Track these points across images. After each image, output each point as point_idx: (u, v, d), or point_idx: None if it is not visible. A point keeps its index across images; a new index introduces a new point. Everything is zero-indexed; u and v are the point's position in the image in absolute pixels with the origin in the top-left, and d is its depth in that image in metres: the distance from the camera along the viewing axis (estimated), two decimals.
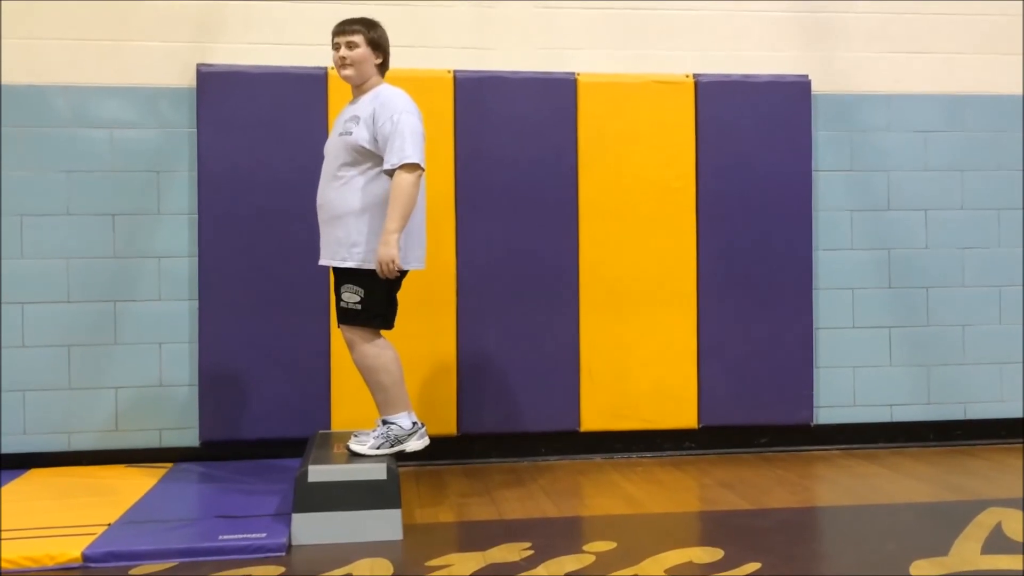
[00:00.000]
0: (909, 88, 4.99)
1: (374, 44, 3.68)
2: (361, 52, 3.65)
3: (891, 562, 3.09)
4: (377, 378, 3.62)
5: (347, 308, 3.60)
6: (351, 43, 3.65)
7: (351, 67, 3.66)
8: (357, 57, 3.65)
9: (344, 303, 3.60)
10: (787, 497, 3.98)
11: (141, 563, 3.11)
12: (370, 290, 3.58)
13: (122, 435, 4.48)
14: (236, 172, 4.45)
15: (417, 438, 3.68)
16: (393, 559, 3.15)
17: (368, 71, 3.69)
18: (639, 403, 4.69)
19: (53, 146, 4.44)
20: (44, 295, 4.42)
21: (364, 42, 3.65)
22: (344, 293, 3.60)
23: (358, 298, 3.58)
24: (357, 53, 3.65)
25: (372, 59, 3.68)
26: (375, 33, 3.69)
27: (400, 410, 3.65)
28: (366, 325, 3.61)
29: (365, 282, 3.58)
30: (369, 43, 3.66)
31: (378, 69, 3.72)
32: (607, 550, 3.23)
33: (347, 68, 3.67)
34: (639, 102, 4.70)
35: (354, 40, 3.65)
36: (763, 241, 4.78)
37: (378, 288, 3.59)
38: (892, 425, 4.96)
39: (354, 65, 3.66)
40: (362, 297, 3.57)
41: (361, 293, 3.57)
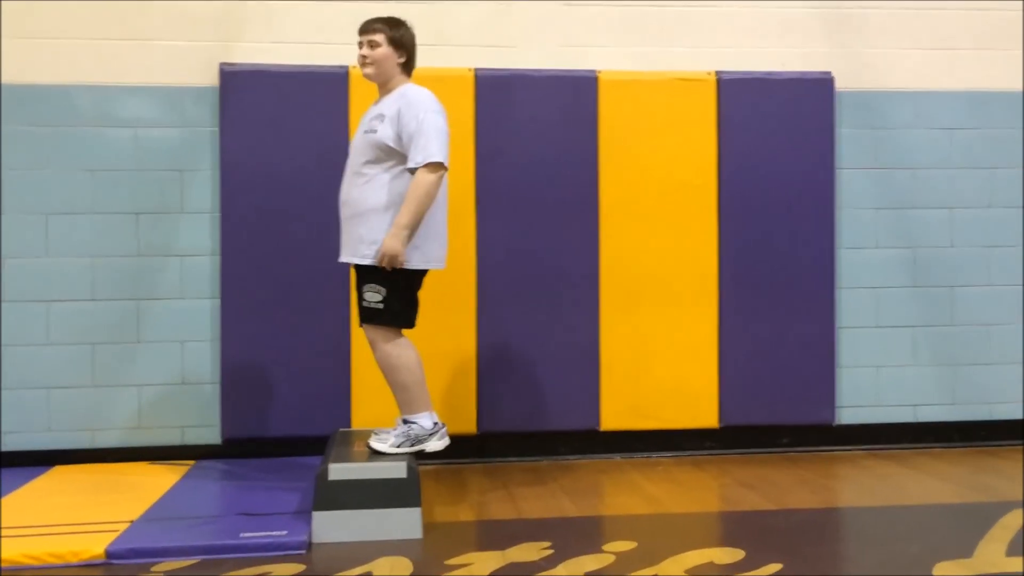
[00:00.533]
0: (934, 85, 4.94)
1: (396, 43, 3.67)
2: (383, 51, 3.65)
3: (914, 564, 3.06)
4: (399, 377, 3.62)
5: (369, 307, 3.61)
6: (372, 42, 3.66)
7: (372, 66, 3.67)
8: (378, 56, 3.66)
9: (366, 302, 3.61)
10: (809, 497, 3.95)
11: (163, 560, 3.13)
12: (392, 289, 3.58)
13: (145, 432, 4.51)
14: (259, 170, 4.48)
15: (438, 438, 3.68)
16: (413, 558, 3.16)
17: (390, 70, 3.69)
18: (659, 402, 4.67)
19: (77, 145, 4.48)
20: (69, 294, 4.46)
21: (386, 41, 3.65)
22: (366, 292, 3.61)
23: (380, 297, 3.58)
24: (378, 52, 3.65)
25: (395, 58, 3.68)
26: (397, 32, 3.68)
27: (421, 410, 3.65)
28: (388, 324, 3.61)
29: (387, 281, 3.58)
30: (391, 42, 3.66)
31: (402, 68, 3.72)
32: (627, 550, 3.22)
33: (368, 67, 3.68)
34: (661, 100, 4.68)
35: (375, 39, 3.65)
36: (785, 239, 4.74)
37: (400, 287, 3.60)
38: (916, 425, 4.92)
39: (375, 64, 3.66)
40: (384, 296, 3.58)
41: (383, 292, 3.58)
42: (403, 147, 3.57)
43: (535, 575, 2.98)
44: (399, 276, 3.57)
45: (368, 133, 3.64)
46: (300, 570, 3.05)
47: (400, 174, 3.59)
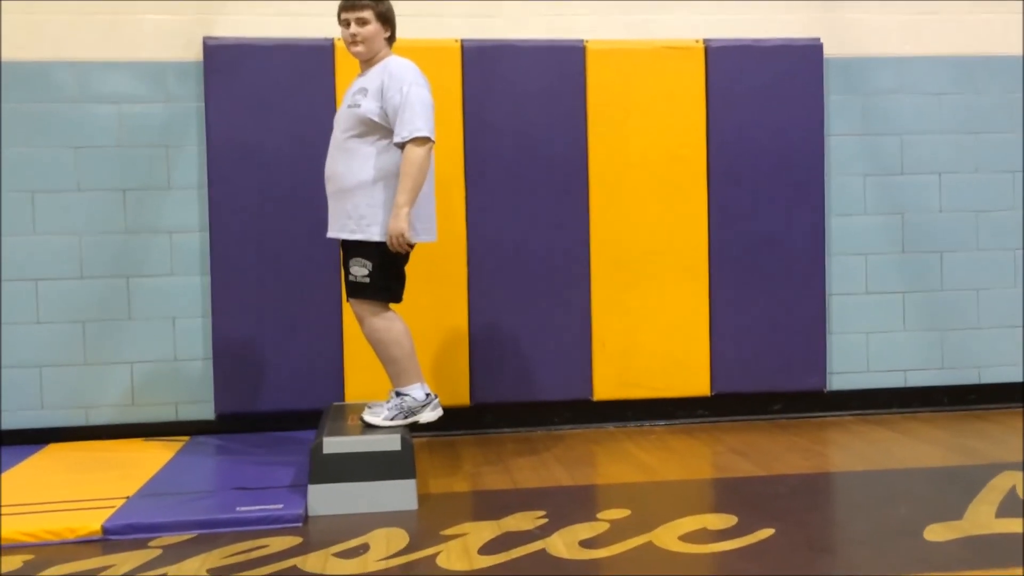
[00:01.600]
0: (921, 50, 4.92)
1: (383, 18, 3.63)
2: (372, 28, 3.60)
3: (905, 526, 3.09)
4: (388, 351, 3.63)
5: (355, 282, 3.60)
6: (361, 19, 3.59)
7: (362, 44, 3.61)
8: (368, 33, 3.60)
9: (352, 276, 3.60)
10: (800, 463, 3.99)
11: (160, 535, 3.15)
12: (378, 263, 3.58)
13: (138, 409, 4.52)
14: (245, 145, 4.45)
15: (431, 409, 3.69)
16: (408, 529, 3.18)
17: (378, 45, 3.65)
18: (651, 371, 4.69)
19: (61, 122, 4.44)
20: (57, 272, 4.44)
21: (374, 17, 3.60)
22: (352, 267, 3.60)
23: (366, 271, 3.57)
24: (368, 29, 3.60)
25: (382, 33, 3.64)
26: (383, 6, 3.64)
27: (413, 381, 3.66)
28: (374, 298, 3.61)
29: (373, 255, 3.57)
30: (379, 17, 3.61)
31: (387, 42, 3.69)
32: (621, 518, 3.25)
33: (359, 45, 3.62)
34: (649, 68, 4.65)
35: (364, 16, 3.59)
36: (775, 207, 4.75)
37: (386, 261, 3.59)
38: (906, 390, 4.96)
39: (365, 42, 3.61)
40: (370, 271, 3.57)
41: (369, 267, 3.57)
42: (387, 121, 3.54)
43: (530, 544, 3.00)
44: (385, 250, 3.56)
45: (352, 108, 3.61)
46: (296, 543, 3.07)
47: (385, 148, 3.57)
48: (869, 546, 2.94)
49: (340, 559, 2.92)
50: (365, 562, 2.89)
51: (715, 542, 2.99)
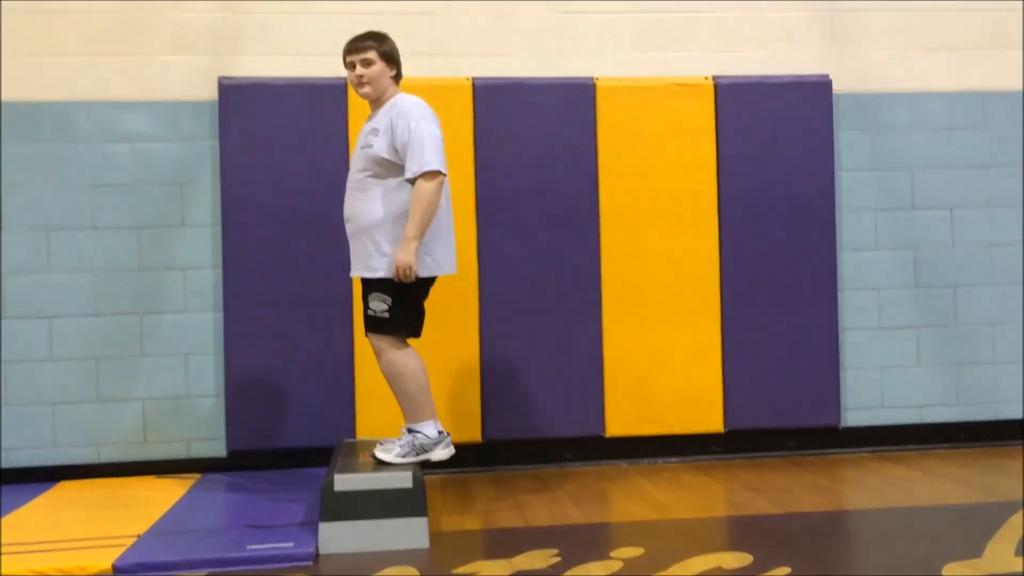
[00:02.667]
0: (931, 86, 4.94)
1: (387, 57, 3.68)
2: (377, 68, 3.66)
3: (923, 565, 3.05)
4: (403, 386, 3.62)
5: (374, 316, 3.61)
6: (366, 60, 3.65)
7: (368, 84, 3.66)
8: (373, 74, 3.65)
9: (372, 311, 3.61)
10: (816, 501, 3.94)
11: (171, 573, 3.13)
12: (397, 299, 3.59)
13: (150, 446, 4.51)
14: (259, 183, 4.48)
15: (443, 447, 3.68)
16: (420, 567, 3.15)
17: (384, 85, 3.69)
18: (664, 407, 4.67)
19: (77, 161, 4.49)
20: (71, 309, 4.47)
21: (378, 57, 3.65)
22: (372, 301, 3.61)
23: (385, 306, 3.58)
24: (373, 70, 3.65)
25: (387, 72, 3.69)
26: (386, 46, 3.69)
27: (426, 418, 3.65)
28: (393, 334, 3.62)
29: (392, 291, 3.58)
30: (383, 57, 3.66)
31: (393, 81, 3.73)
32: (634, 556, 3.22)
33: (365, 86, 3.67)
34: (659, 105, 4.69)
35: (368, 57, 3.65)
36: (787, 242, 4.75)
37: (405, 297, 3.60)
38: (921, 427, 4.91)
39: (371, 82, 3.66)
40: (389, 305, 3.58)
41: (388, 302, 3.58)
42: (399, 159, 3.57)
43: None
44: (405, 285, 3.57)
45: (364, 148, 3.65)
46: None
47: (399, 186, 3.59)
48: None
49: None
50: None
51: None
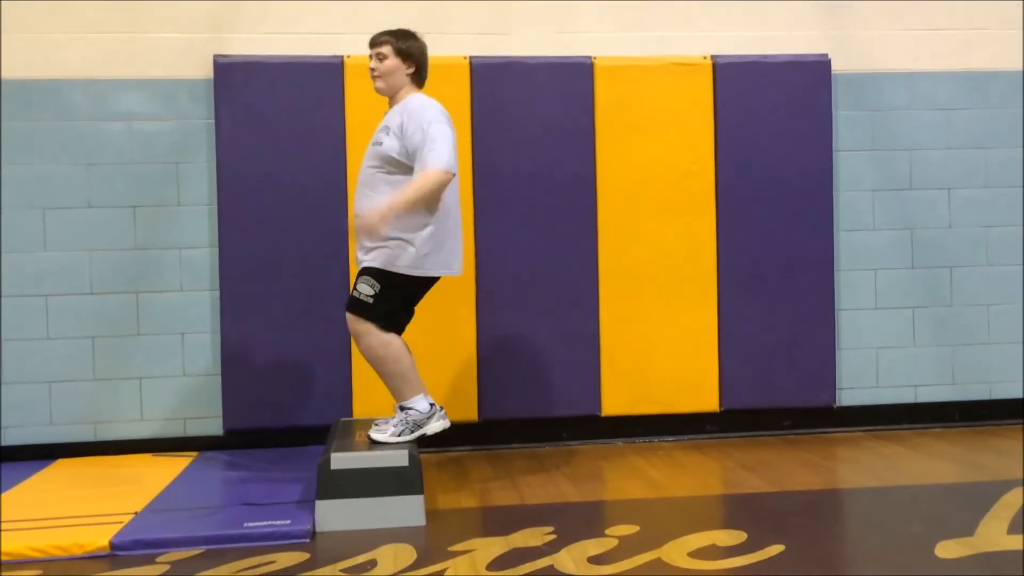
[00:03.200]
0: (930, 66, 4.93)
1: (403, 54, 3.66)
2: (390, 63, 3.65)
3: (916, 543, 3.07)
4: (387, 368, 3.61)
5: (359, 298, 3.58)
6: (380, 55, 3.66)
7: (380, 79, 3.67)
8: (385, 69, 3.65)
9: (357, 292, 3.58)
10: (810, 479, 3.97)
11: (168, 550, 3.14)
12: (386, 288, 3.55)
13: (147, 425, 4.53)
14: (254, 162, 4.47)
15: (437, 419, 3.68)
16: (416, 545, 3.17)
17: (399, 81, 3.68)
18: (660, 387, 4.68)
19: (73, 140, 4.47)
20: (67, 288, 4.46)
21: (392, 52, 3.64)
22: (360, 283, 3.58)
23: (372, 292, 3.55)
24: (386, 65, 3.65)
25: (403, 69, 3.66)
26: (404, 43, 3.67)
27: (416, 393, 3.65)
28: (372, 321, 3.57)
29: (384, 279, 3.55)
30: (398, 53, 3.65)
31: (411, 79, 3.70)
32: (629, 534, 3.24)
33: (378, 80, 3.68)
34: (657, 85, 4.67)
35: (383, 51, 3.65)
36: (784, 223, 4.74)
37: (395, 290, 3.57)
38: (916, 406, 4.93)
39: (383, 77, 3.66)
40: (376, 292, 3.55)
41: (376, 288, 3.55)
42: (408, 159, 3.55)
43: (538, 560, 2.99)
44: (398, 278, 3.55)
45: (375, 145, 3.65)
46: (304, 559, 3.06)
47: (407, 184, 3.53)
48: (880, 563, 2.92)
49: (348, 575, 2.91)
50: None
51: (724, 559, 2.97)
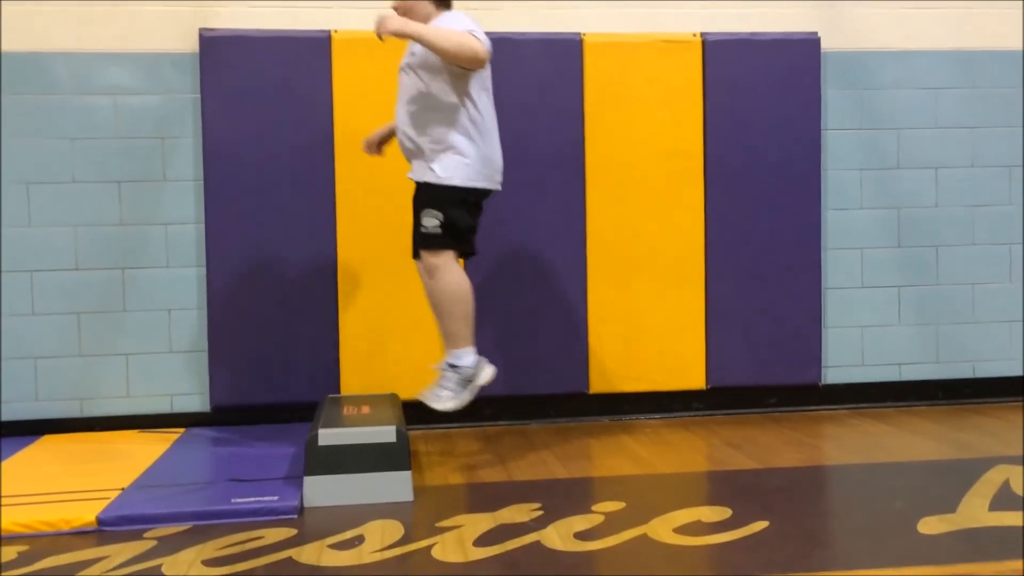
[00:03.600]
0: (920, 44, 4.92)
1: None
2: (409, 2, 3.63)
3: (899, 519, 3.10)
4: (456, 308, 3.60)
5: (427, 232, 3.59)
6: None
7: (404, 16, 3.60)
8: (405, 7, 3.63)
9: (424, 228, 3.59)
10: (795, 456, 4.00)
11: (155, 526, 3.15)
12: (448, 212, 3.57)
13: (133, 401, 4.51)
14: (241, 137, 4.44)
15: (485, 367, 3.70)
16: (404, 520, 3.18)
17: (425, 12, 3.63)
18: (647, 365, 4.70)
19: (56, 114, 4.43)
20: (52, 263, 4.43)
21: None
22: (424, 218, 3.59)
23: (437, 222, 3.57)
24: (404, 3, 3.63)
25: (424, 5, 3.63)
26: None
27: (468, 344, 3.65)
28: (447, 248, 3.59)
29: (443, 204, 3.56)
30: None
31: (435, 5, 3.66)
32: (616, 510, 3.26)
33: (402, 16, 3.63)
34: (646, 62, 4.65)
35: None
36: (772, 201, 4.75)
37: (456, 209, 3.58)
38: (901, 384, 4.97)
39: (407, 14, 3.61)
40: (442, 221, 3.57)
41: (440, 216, 3.56)
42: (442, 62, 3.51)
43: (525, 536, 3.00)
44: (458, 198, 3.56)
45: (403, 69, 3.63)
46: (292, 534, 3.07)
47: (443, 89, 3.54)
48: (863, 539, 2.95)
49: (335, 551, 2.92)
50: (360, 554, 2.89)
51: (710, 534, 3.00)
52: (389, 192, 4.50)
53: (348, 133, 4.46)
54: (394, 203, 4.51)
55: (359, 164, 4.48)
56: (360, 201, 4.49)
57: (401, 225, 4.51)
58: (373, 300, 4.51)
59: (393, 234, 4.51)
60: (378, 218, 4.49)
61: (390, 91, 4.48)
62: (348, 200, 4.49)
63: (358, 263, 4.50)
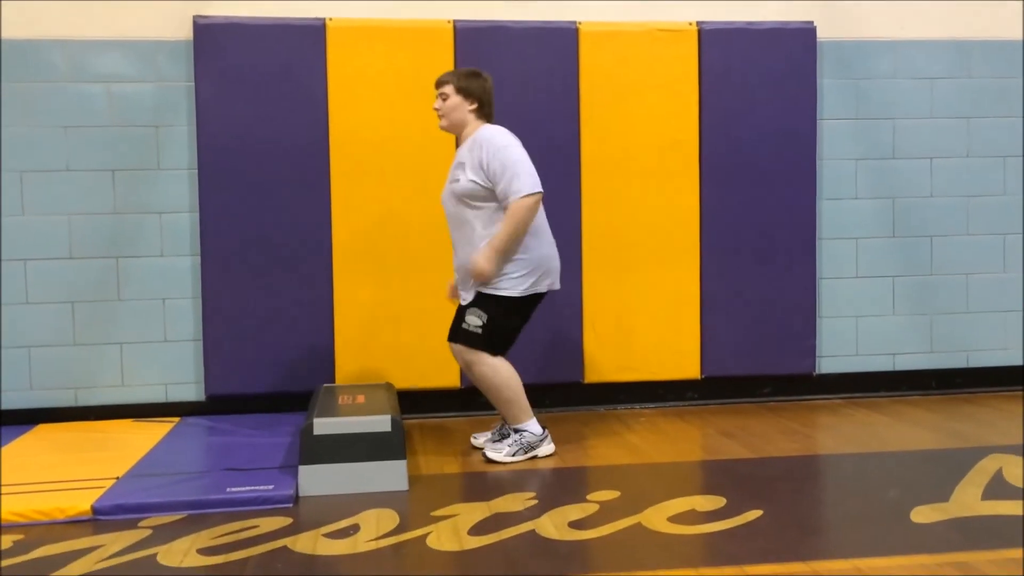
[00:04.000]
0: (916, 34, 4.92)
1: (465, 92, 3.76)
2: (452, 102, 3.75)
3: (893, 508, 3.12)
4: (499, 395, 3.76)
5: (468, 330, 3.70)
6: (443, 94, 3.77)
7: (444, 118, 3.80)
8: (448, 107, 3.76)
9: (466, 324, 3.70)
10: (789, 446, 4.01)
11: (150, 515, 3.15)
12: (494, 316, 3.68)
13: (128, 390, 4.51)
14: (235, 125, 4.42)
15: (547, 443, 3.85)
16: (399, 509, 3.19)
17: (462, 118, 3.78)
18: (642, 354, 4.70)
19: (51, 101, 4.40)
20: (46, 252, 4.42)
21: (454, 91, 3.75)
22: (468, 315, 3.70)
23: (480, 323, 3.68)
24: (448, 104, 3.76)
25: (465, 106, 3.76)
26: (465, 83, 3.77)
27: (528, 418, 3.81)
28: (482, 350, 3.71)
29: (492, 309, 3.67)
30: (459, 91, 3.75)
31: (475, 114, 3.79)
32: (610, 499, 3.27)
33: (442, 119, 3.80)
34: (642, 51, 4.64)
35: (444, 91, 3.77)
36: (767, 191, 4.75)
37: (503, 317, 3.69)
38: (894, 374, 4.98)
39: (446, 115, 3.77)
40: (484, 322, 3.68)
41: (484, 318, 3.68)
42: (489, 188, 3.65)
43: (520, 525, 3.01)
44: (506, 306, 3.67)
45: (452, 183, 3.75)
46: (287, 523, 3.08)
47: (494, 212, 3.68)
48: (856, 527, 2.96)
49: (330, 539, 2.93)
50: (355, 542, 2.90)
51: (704, 523, 3.01)
52: (385, 181, 4.50)
53: (343, 121, 4.45)
54: (389, 193, 4.51)
55: (354, 152, 4.47)
56: (355, 190, 4.48)
57: (396, 215, 4.52)
58: (368, 290, 4.51)
59: (388, 224, 4.51)
60: (373, 207, 4.49)
61: (384, 79, 4.49)
62: (343, 189, 4.48)
63: (353, 252, 4.49)
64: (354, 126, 4.47)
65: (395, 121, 4.47)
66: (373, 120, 4.46)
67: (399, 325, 4.52)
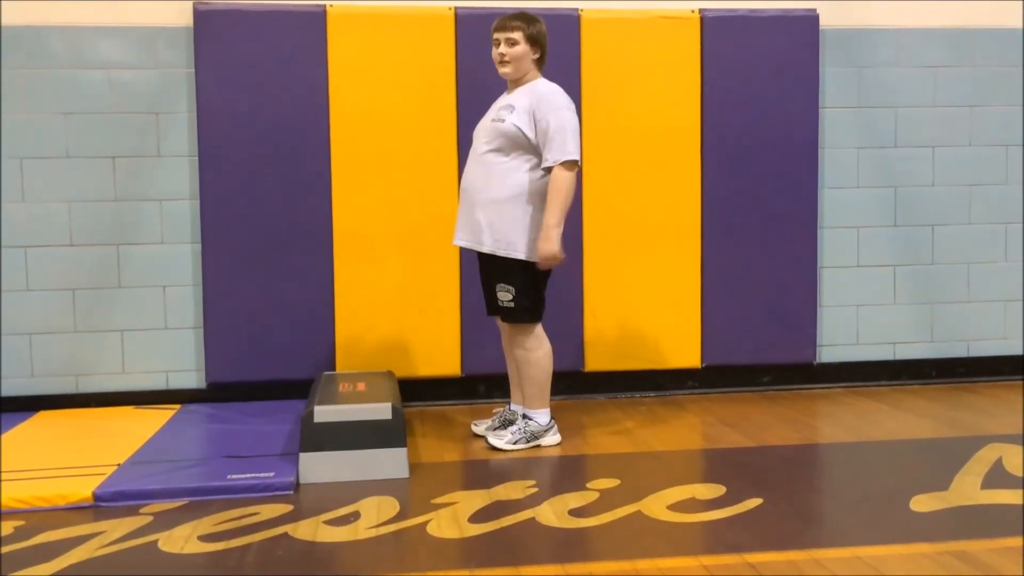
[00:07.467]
0: (918, 22, 4.90)
1: (533, 40, 3.70)
2: (520, 49, 3.68)
3: (892, 497, 3.12)
4: (532, 371, 3.77)
5: (503, 307, 3.74)
6: (511, 40, 3.68)
7: (510, 64, 3.70)
8: (516, 54, 3.68)
9: (500, 302, 3.73)
10: (789, 434, 4.01)
11: (151, 502, 3.16)
12: (520, 287, 3.69)
13: (129, 377, 4.51)
14: (236, 112, 4.41)
15: (552, 433, 3.84)
16: (399, 497, 3.20)
17: (526, 66, 3.72)
18: (642, 343, 4.70)
19: (51, 88, 4.39)
20: (46, 239, 4.41)
21: (524, 39, 3.68)
22: (499, 293, 3.72)
23: (510, 296, 3.70)
24: (516, 50, 3.68)
25: (530, 55, 3.71)
26: (534, 29, 3.70)
27: (543, 406, 3.81)
28: (520, 320, 3.74)
29: (515, 279, 3.68)
30: (528, 39, 3.69)
31: (536, 64, 3.74)
32: (610, 487, 3.27)
33: (507, 65, 3.71)
34: (644, 38, 4.62)
35: (514, 37, 3.68)
36: (769, 179, 4.74)
37: (527, 284, 3.70)
38: (895, 363, 4.98)
39: (513, 63, 3.69)
40: (513, 295, 3.69)
41: (512, 291, 3.69)
42: (530, 140, 3.61)
43: (520, 512, 3.02)
44: (526, 271, 3.67)
45: (495, 121, 3.69)
46: (287, 510, 3.08)
47: (522, 166, 3.65)
48: (856, 516, 2.97)
49: (331, 526, 2.93)
50: (356, 530, 2.91)
51: (703, 511, 3.02)
52: (386, 168, 4.49)
53: (343, 107, 4.44)
54: (390, 180, 4.50)
55: (355, 139, 4.46)
56: (356, 177, 4.47)
57: (397, 202, 4.51)
58: (369, 277, 4.50)
59: (389, 211, 4.50)
60: (374, 194, 4.48)
61: (385, 66, 4.47)
62: (344, 175, 4.47)
63: (354, 239, 4.49)
64: (355, 113, 4.45)
65: (396, 108, 4.46)
66: (374, 107, 4.45)
67: (400, 313, 4.52)
